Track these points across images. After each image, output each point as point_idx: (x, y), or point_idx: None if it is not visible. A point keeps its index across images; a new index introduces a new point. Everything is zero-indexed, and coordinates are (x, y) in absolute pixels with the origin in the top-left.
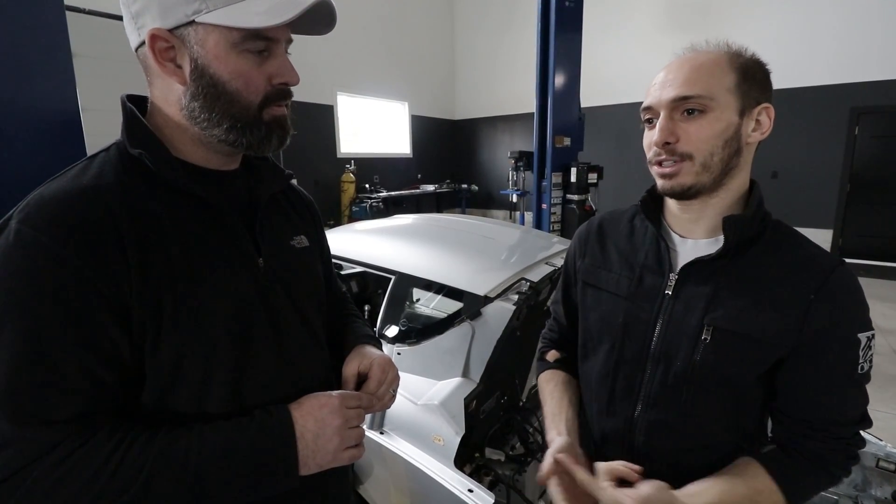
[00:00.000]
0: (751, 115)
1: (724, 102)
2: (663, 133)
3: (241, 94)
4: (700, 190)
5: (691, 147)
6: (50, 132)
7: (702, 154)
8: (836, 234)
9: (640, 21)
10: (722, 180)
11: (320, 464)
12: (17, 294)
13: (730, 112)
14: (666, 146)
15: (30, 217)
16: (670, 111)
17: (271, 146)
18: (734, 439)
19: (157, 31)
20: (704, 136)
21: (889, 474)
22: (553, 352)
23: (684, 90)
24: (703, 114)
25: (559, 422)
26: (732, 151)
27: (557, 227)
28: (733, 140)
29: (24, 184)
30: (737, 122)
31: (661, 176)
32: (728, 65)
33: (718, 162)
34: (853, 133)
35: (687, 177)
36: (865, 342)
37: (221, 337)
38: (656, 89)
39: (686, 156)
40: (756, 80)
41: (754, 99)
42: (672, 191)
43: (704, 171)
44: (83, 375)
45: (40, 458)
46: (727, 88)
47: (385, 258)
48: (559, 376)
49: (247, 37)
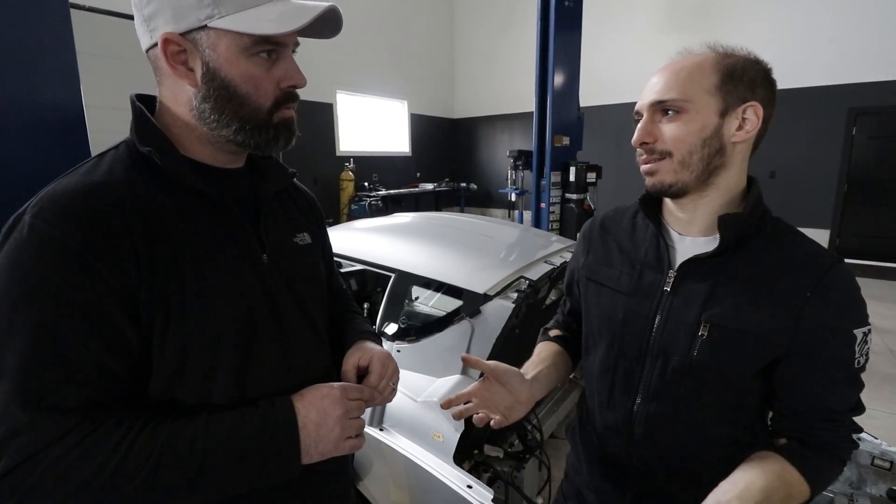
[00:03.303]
0: (734, 115)
1: (701, 104)
2: (640, 133)
3: (250, 97)
4: (684, 188)
5: (668, 145)
6: (54, 129)
7: (679, 152)
8: (834, 234)
9: (639, 21)
10: (708, 179)
11: (322, 452)
12: (31, 286)
13: (707, 113)
14: (644, 146)
15: (43, 212)
16: (651, 114)
17: (278, 147)
18: (732, 432)
19: (169, 36)
20: (680, 135)
21: (884, 472)
22: (556, 329)
23: (661, 95)
24: (679, 114)
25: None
26: (713, 151)
27: (556, 226)
28: (713, 139)
29: (28, 180)
30: (716, 121)
31: (645, 173)
32: (712, 67)
33: (698, 161)
34: (850, 133)
35: (667, 175)
36: (861, 338)
37: (226, 330)
38: (644, 93)
39: (665, 153)
40: (743, 79)
41: (739, 98)
42: (654, 188)
43: (684, 169)
44: (93, 365)
45: (52, 445)
46: (706, 90)
47: (385, 256)
48: (553, 346)
49: (257, 42)
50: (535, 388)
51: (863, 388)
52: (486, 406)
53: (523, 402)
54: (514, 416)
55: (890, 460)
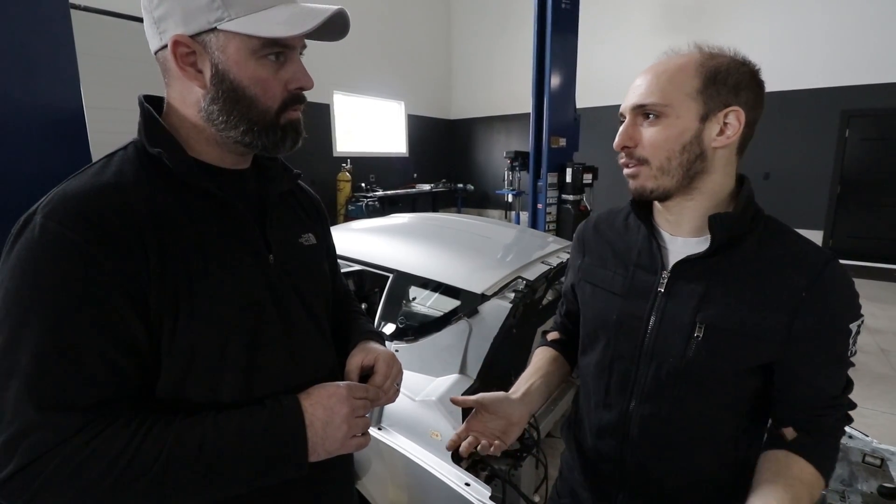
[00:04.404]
0: (716, 120)
1: (681, 108)
2: (622, 137)
3: (259, 99)
4: (667, 193)
5: (646, 152)
6: (54, 130)
7: (657, 159)
8: (827, 234)
9: (635, 23)
10: (690, 184)
11: (329, 450)
12: (42, 286)
13: (688, 117)
14: (625, 149)
15: (54, 212)
16: (633, 117)
17: (285, 148)
18: (728, 430)
19: (179, 38)
20: (658, 141)
21: (875, 469)
22: (554, 333)
23: (642, 98)
24: (659, 119)
25: (521, 382)
26: (693, 156)
27: (553, 226)
28: (693, 145)
29: (28, 181)
30: (696, 126)
31: (627, 177)
32: (695, 70)
33: (678, 166)
34: (843, 135)
35: (647, 180)
36: (856, 330)
37: (234, 330)
38: (628, 94)
39: (642, 160)
40: (727, 83)
41: (721, 102)
42: (637, 192)
43: (663, 175)
44: (104, 364)
45: (62, 444)
46: (687, 94)
47: (382, 256)
48: (549, 352)
49: (266, 44)
50: (526, 405)
51: (851, 366)
52: (484, 435)
53: (516, 422)
54: (511, 437)
55: (880, 457)
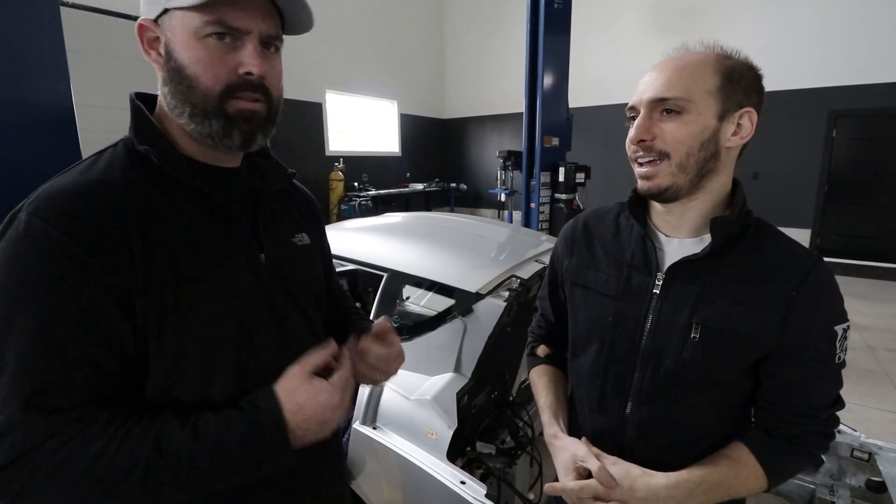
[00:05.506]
0: (731, 119)
1: (702, 105)
2: (639, 130)
3: (198, 80)
4: (677, 192)
5: (668, 146)
6: (44, 128)
7: (678, 154)
8: (815, 233)
9: (626, 23)
10: (699, 183)
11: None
12: (27, 284)
13: (708, 115)
14: (642, 143)
15: (40, 209)
16: (650, 110)
17: (232, 140)
18: (723, 430)
19: (144, 21)
20: (680, 136)
21: (863, 463)
22: (543, 347)
23: (662, 92)
24: (680, 114)
25: (560, 418)
26: (709, 154)
27: (546, 225)
28: (710, 143)
29: (18, 178)
30: (715, 125)
31: (641, 177)
32: (713, 67)
33: (694, 164)
34: (831, 135)
35: (664, 178)
36: (842, 334)
37: (224, 329)
38: (640, 89)
39: (663, 154)
40: (741, 84)
41: (736, 103)
42: (650, 192)
43: (680, 172)
44: (88, 364)
45: (44, 442)
46: (707, 91)
47: (376, 256)
48: (551, 372)
49: (207, 23)
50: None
51: (841, 385)
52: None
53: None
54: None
55: (868, 452)
